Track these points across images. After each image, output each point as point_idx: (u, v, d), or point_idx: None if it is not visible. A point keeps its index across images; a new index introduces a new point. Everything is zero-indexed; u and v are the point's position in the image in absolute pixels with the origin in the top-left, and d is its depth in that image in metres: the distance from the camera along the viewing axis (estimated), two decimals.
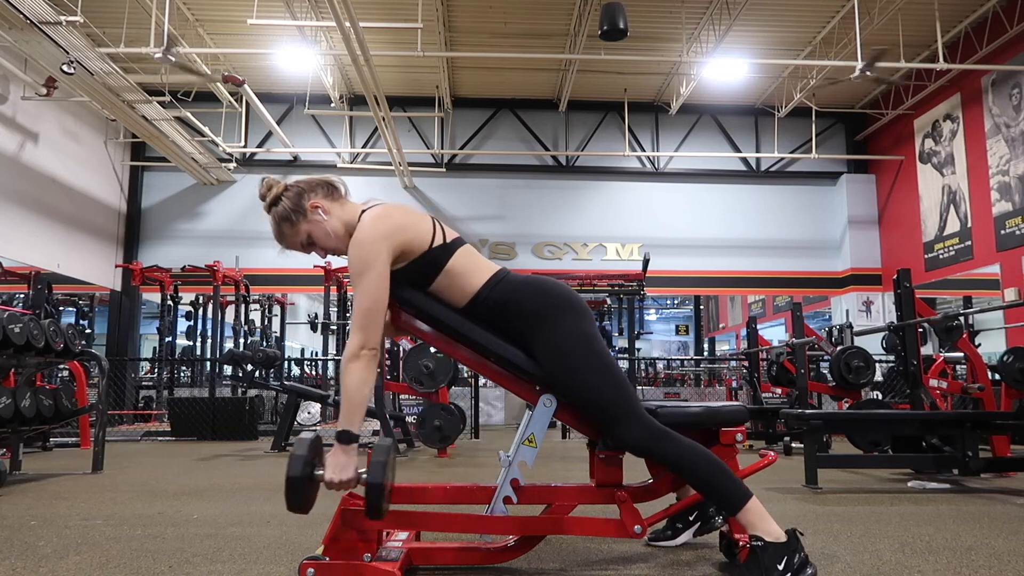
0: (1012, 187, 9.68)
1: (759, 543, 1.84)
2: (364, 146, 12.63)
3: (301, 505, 1.80)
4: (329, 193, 2.06)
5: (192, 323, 12.14)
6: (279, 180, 2.10)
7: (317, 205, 2.03)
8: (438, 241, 1.99)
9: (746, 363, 8.54)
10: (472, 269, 2.02)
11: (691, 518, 2.40)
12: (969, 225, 10.49)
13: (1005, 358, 4.45)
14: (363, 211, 2.02)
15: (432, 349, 5.93)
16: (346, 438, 1.81)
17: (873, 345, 8.38)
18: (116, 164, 11.97)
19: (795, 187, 13.03)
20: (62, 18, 7.35)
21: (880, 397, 7.71)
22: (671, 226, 12.74)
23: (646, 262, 10.57)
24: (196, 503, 3.40)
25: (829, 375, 6.47)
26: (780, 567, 1.81)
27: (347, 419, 1.82)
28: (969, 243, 10.47)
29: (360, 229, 1.94)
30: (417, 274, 1.99)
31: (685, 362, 17.85)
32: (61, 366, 7.57)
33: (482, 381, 9.14)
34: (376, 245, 1.90)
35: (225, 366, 9.07)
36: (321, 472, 1.80)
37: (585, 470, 2.42)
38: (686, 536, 2.39)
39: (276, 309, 14.11)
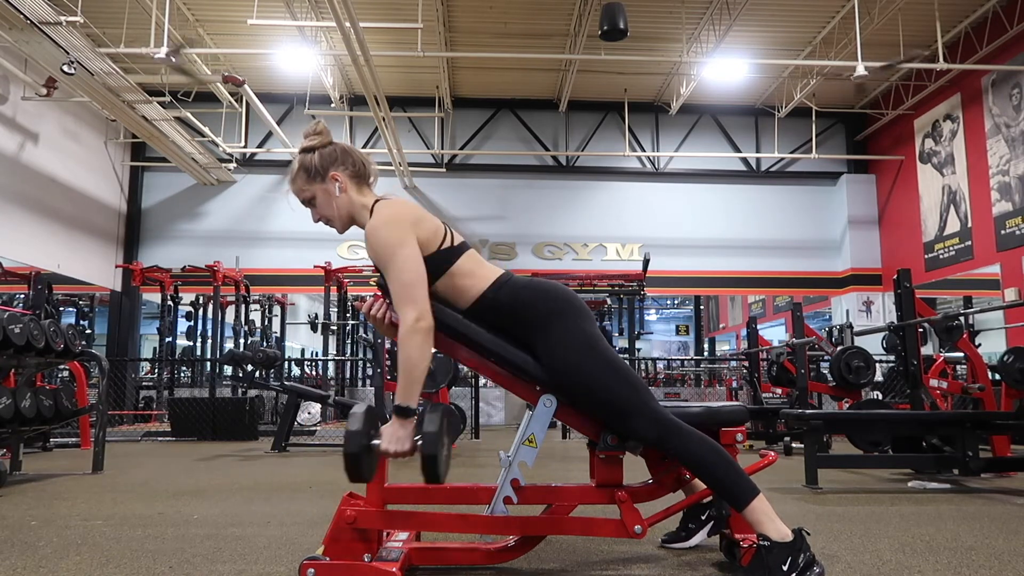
0: (1012, 187, 9.68)
1: (765, 543, 1.84)
2: (364, 146, 12.63)
3: (363, 476, 1.86)
4: (357, 173, 2.09)
5: (192, 323, 12.13)
6: (328, 132, 2.14)
7: (338, 178, 2.06)
8: (446, 244, 2.02)
9: (746, 363, 8.54)
10: (477, 272, 2.04)
11: (703, 517, 2.40)
12: (969, 225, 10.49)
13: (1005, 358, 4.44)
14: (376, 201, 2.05)
15: (432, 349, 5.91)
16: (404, 413, 1.85)
17: (873, 345, 8.38)
18: (116, 164, 11.97)
19: (795, 187, 13.04)
20: (62, 18, 7.35)
21: (880, 397, 7.71)
22: (671, 226, 12.74)
23: (646, 262, 10.57)
24: (196, 503, 3.40)
25: (829, 375, 6.46)
26: (785, 567, 1.81)
27: (405, 393, 1.86)
28: (969, 243, 10.47)
29: (383, 213, 1.98)
30: None
31: (685, 362, 17.85)
32: (61, 366, 7.57)
33: (482, 381, 9.14)
34: (404, 226, 1.95)
35: (225, 366, 9.07)
36: (378, 442, 1.84)
37: (585, 470, 2.42)
38: (700, 536, 2.39)
39: (276, 309, 14.10)
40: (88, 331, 11.49)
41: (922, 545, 2.48)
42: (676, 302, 23.82)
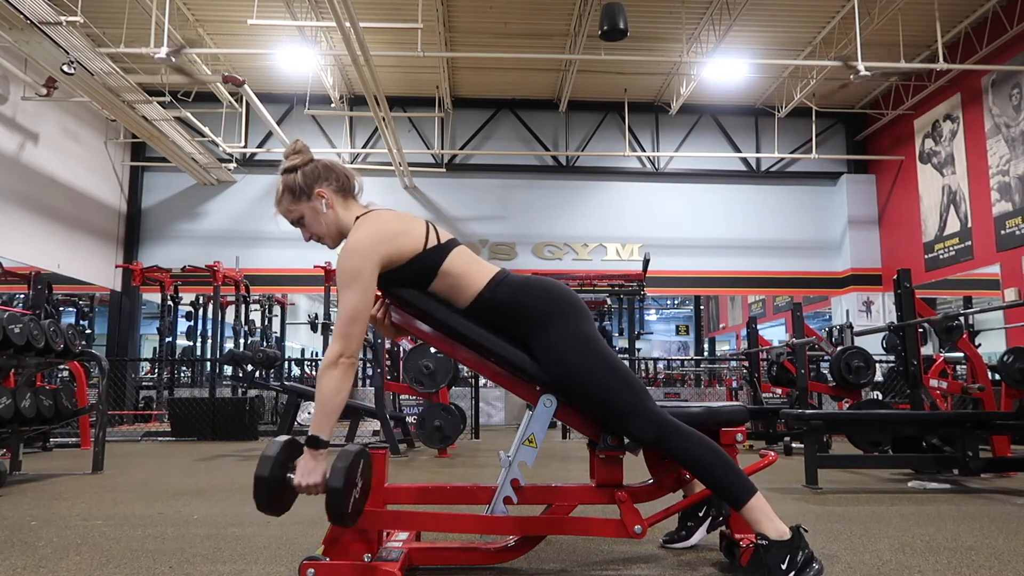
0: (1012, 187, 9.68)
1: (763, 542, 1.84)
2: (364, 146, 12.64)
3: (270, 506, 1.80)
4: (342, 188, 2.08)
5: (192, 323, 12.14)
6: (307, 149, 2.12)
7: (324, 195, 2.05)
8: (431, 243, 2.00)
9: (746, 363, 8.53)
10: (472, 270, 2.03)
11: (701, 515, 2.40)
12: (969, 225, 10.49)
13: (1005, 358, 4.44)
14: (358, 217, 2.04)
15: (432, 349, 5.93)
16: (315, 443, 1.81)
17: (873, 345, 8.38)
18: (116, 164, 11.97)
19: (795, 187, 13.04)
20: (62, 18, 7.35)
21: (880, 397, 7.71)
22: (671, 226, 12.74)
23: (646, 262, 10.57)
24: (196, 503, 3.40)
25: (829, 375, 6.47)
26: (783, 566, 1.81)
27: (318, 425, 1.82)
28: (969, 243, 10.47)
29: (352, 237, 1.97)
30: (413, 275, 2.01)
31: (685, 362, 17.85)
32: (61, 366, 7.57)
33: (482, 381, 9.14)
34: (366, 254, 1.91)
35: (225, 366, 9.07)
36: (292, 476, 1.80)
37: (585, 470, 2.42)
38: (700, 534, 2.39)
39: (276, 309, 14.10)
40: (88, 331, 11.50)
41: (922, 545, 2.48)
42: (676, 302, 23.82)
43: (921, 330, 5.35)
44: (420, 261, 1.98)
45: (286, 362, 12.93)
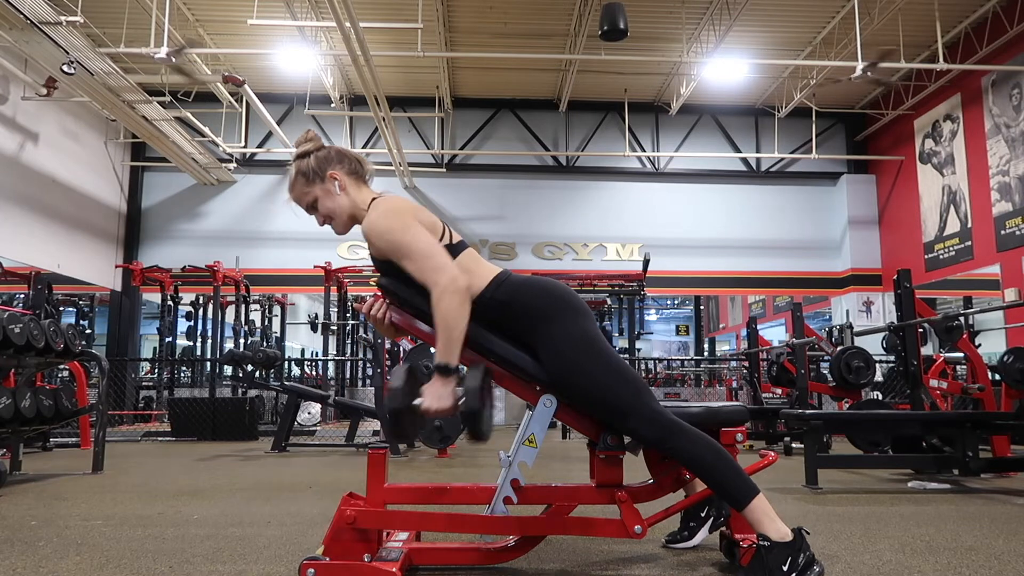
0: (1012, 187, 9.68)
1: (764, 543, 1.84)
2: (364, 146, 12.64)
3: (405, 434, 1.90)
4: (354, 171, 2.12)
5: (192, 323, 12.14)
6: (319, 138, 2.17)
7: (336, 177, 2.09)
8: (445, 240, 2.03)
9: (746, 363, 8.53)
10: (475, 270, 2.04)
11: (703, 515, 2.40)
12: (969, 225, 10.49)
13: (1005, 358, 4.44)
14: (374, 199, 2.07)
15: (432, 349, 5.92)
16: (445, 371, 1.86)
17: (873, 345, 8.38)
18: (116, 164, 11.97)
19: (795, 187, 13.04)
20: (62, 18, 7.35)
21: (880, 397, 7.71)
22: (671, 226, 12.74)
23: (646, 262, 10.57)
24: (196, 503, 3.40)
25: (829, 375, 6.46)
26: (784, 568, 1.81)
27: (446, 352, 1.87)
28: (969, 243, 10.47)
29: (380, 207, 2.01)
30: None
31: (685, 362, 17.85)
32: (61, 366, 7.57)
33: None
34: (409, 211, 2.00)
35: (225, 366, 9.07)
36: (420, 401, 1.85)
37: (585, 470, 2.42)
38: (702, 534, 2.39)
39: (276, 309, 14.10)
40: (88, 331, 11.49)
41: (922, 545, 2.48)
42: (676, 302, 23.82)
43: (921, 330, 5.35)
44: None
45: (286, 362, 12.92)
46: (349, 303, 11.39)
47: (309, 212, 2.14)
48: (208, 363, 10.65)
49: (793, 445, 6.30)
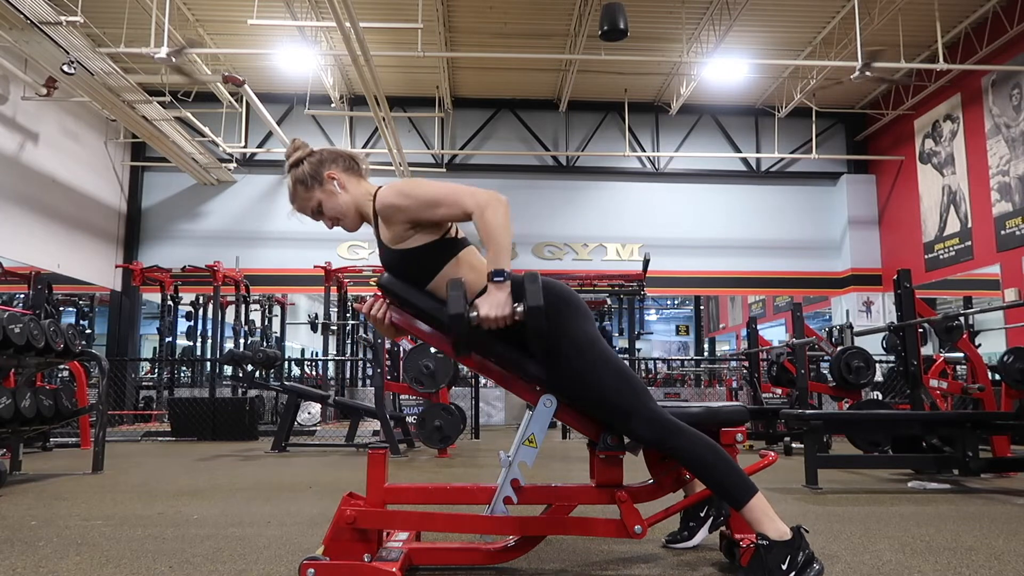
0: (1012, 187, 9.67)
1: (764, 543, 1.84)
2: (364, 146, 12.63)
3: (468, 343, 1.92)
4: (349, 167, 2.13)
5: (192, 323, 12.14)
6: (306, 144, 2.16)
7: (334, 176, 2.09)
8: (452, 233, 2.04)
9: (746, 363, 8.53)
10: (477, 267, 2.05)
11: (702, 514, 2.40)
12: (969, 225, 10.49)
13: (1005, 358, 4.44)
14: (379, 188, 2.07)
15: (432, 349, 5.93)
16: (501, 277, 1.90)
17: (873, 345, 8.38)
18: (116, 164, 11.97)
19: (795, 187, 13.04)
20: (62, 18, 7.35)
21: (880, 397, 7.71)
22: (671, 226, 12.74)
23: (646, 262, 10.57)
24: (196, 503, 3.40)
25: (829, 375, 6.46)
26: (784, 567, 1.81)
27: (497, 260, 1.91)
28: (969, 243, 10.47)
29: (394, 185, 2.03)
30: (426, 258, 2.01)
31: (685, 362, 17.84)
32: (61, 366, 7.57)
33: (482, 381, 9.14)
34: (425, 182, 2.02)
35: (225, 366, 9.07)
36: (475, 313, 1.87)
37: (585, 470, 2.42)
38: (702, 534, 2.39)
39: (276, 309, 14.10)
40: (88, 331, 11.49)
41: (922, 545, 2.48)
42: (676, 302, 23.81)
43: (921, 330, 5.35)
44: (439, 245, 2.01)
45: (286, 362, 12.92)
46: (349, 303, 11.38)
47: (316, 218, 2.14)
48: (208, 363, 10.65)
49: (793, 445, 6.30)
